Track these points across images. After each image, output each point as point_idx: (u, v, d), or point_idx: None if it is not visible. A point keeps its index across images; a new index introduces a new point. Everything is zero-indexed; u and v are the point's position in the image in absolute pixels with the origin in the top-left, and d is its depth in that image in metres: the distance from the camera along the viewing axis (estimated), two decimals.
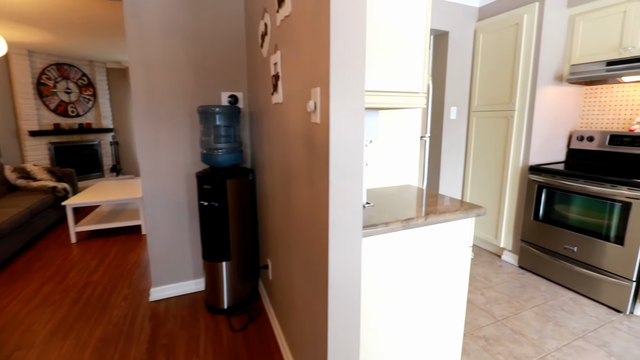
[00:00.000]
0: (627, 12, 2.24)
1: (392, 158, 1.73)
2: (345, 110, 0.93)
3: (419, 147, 1.83)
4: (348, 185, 0.97)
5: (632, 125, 2.51)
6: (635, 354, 1.76)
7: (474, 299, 2.28)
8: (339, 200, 0.97)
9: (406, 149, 1.76)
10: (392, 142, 1.71)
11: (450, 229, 1.31)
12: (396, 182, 1.76)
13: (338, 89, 0.91)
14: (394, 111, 1.69)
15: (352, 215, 0.99)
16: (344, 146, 0.94)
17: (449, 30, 2.92)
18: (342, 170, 0.95)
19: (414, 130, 1.76)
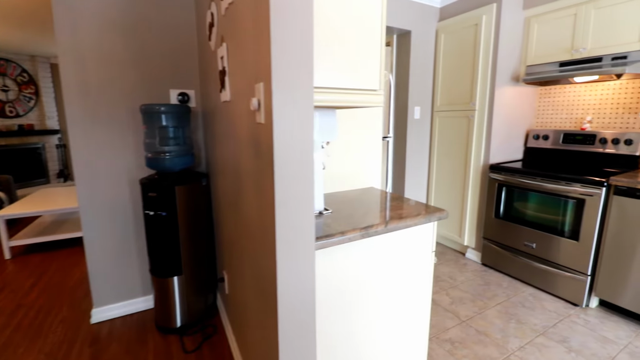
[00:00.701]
0: (577, 15, 2.32)
1: (354, 160, 1.64)
2: (291, 108, 0.81)
3: (382, 148, 1.76)
4: (297, 193, 0.86)
5: (583, 124, 2.61)
6: (592, 348, 1.80)
7: (439, 299, 2.26)
8: (287, 210, 0.85)
9: (368, 150, 1.68)
10: (353, 143, 1.62)
11: (412, 234, 1.24)
12: (358, 185, 1.68)
13: (282, 84, 0.79)
14: (355, 111, 1.60)
15: (302, 226, 0.88)
16: (291, 149, 0.83)
17: (411, 30, 2.90)
18: (289, 176, 0.84)
19: (375, 130, 1.69)
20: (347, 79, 1.04)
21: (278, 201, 0.84)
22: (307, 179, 0.87)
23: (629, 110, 2.37)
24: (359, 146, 1.65)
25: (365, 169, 1.68)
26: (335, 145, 1.55)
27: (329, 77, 1.01)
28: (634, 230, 1.94)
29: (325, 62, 1.00)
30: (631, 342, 1.84)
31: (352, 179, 1.65)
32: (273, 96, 0.79)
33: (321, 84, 0.99)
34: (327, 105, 1.04)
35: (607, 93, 2.47)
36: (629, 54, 2.09)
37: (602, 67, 2.21)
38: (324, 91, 1.00)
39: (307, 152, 0.85)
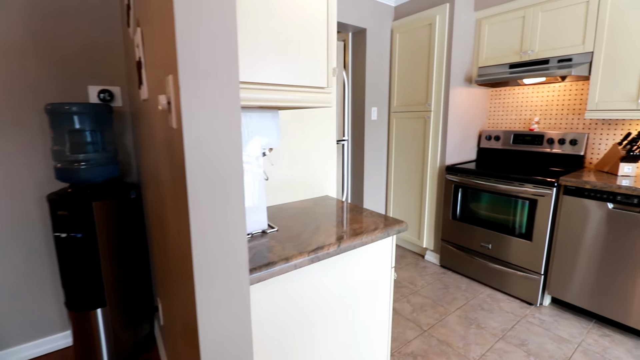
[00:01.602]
0: (525, 17, 2.35)
1: (305, 167, 1.47)
2: (209, 109, 0.62)
3: (337, 152, 1.61)
4: (221, 216, 0.67)
5: (531, 124, 2.68)
6: (549, 349, 1.79)
7: (401, 308, 2.17)
8: (207, 239, 0.66)
9: (321, 155, 1.52)
10: (304, 148, 1.46)
11: (370, 252, 1.10)
12: (312, 194, 1.51)
13: (194, 77, 0.60)
14: (304, 113, 1.43)
15: (229, 259, 0.69)
16: (210, 161, 0.64)
17: (366, 28, 2.80)
18: (208, 196, 0.65)
19: (329, 133, 1.53)
20: (289, 74, 0.87)
21: (195, 229, 0.64)
22: (234, 198, 0.68)
23: (573, 112, 2.46)
24: (310, 151, 1.48)
25: (318, 176, 1.52)
26: (282, 152, 1.37)
27: (266, 72, 0.83)
28: (581, 228, 1.98)
29: (261, 53, 0.82)
30: (584, 339, 1.88)
31: (304, 188, 1.48)
32: (181, 92, 0.59)
33: (255, 79, 0.81)
34: (266, 105, 0.86)
35: (553, 94, 2.55)
36: (574, 56, 2.15)
37: (548, 69, 2.26)
38: (259, 88, 0.81)
39: (233, 164, 0.67)
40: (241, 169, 0.68)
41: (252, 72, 0.79)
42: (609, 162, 2.16)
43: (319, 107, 0.95)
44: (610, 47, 2.00)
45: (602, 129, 2.32)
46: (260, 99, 0.81)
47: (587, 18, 2.08)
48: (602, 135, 2.32)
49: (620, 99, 1.99)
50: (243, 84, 0.77)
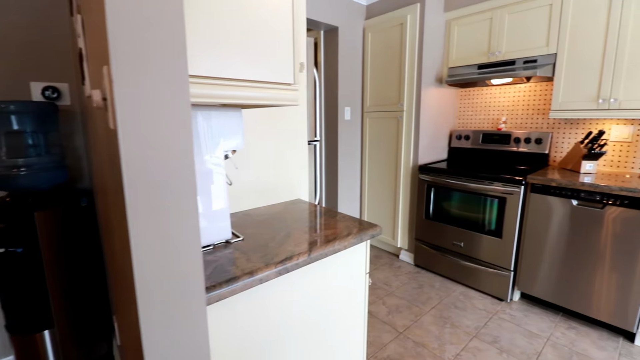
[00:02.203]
0: (493, 19, 2.40)
1: (275, 169, 1.39)
2: (149, 105, 0.53)
3: (308, 153, 1.54)
4: (168, 227, 0.58)
5: (499, 124, 2.75)
6: (520, 345, 1.82)
7: (376, 311, 2.14)
8: (151, 253, 0.57)
9: (292, 156, 1.45)
10: (273, 149, 1.38)
11: (343, 259, 1.04)
12: (283, 198, 1.44)
13: (130, 69, 0.51)
14: (273, 112, 1.35)
15: (180, 275, 0.61)
16: (153, 165, 0.55)
17: (338, 26, 2.75)
18: (152, 205, 0.56)
19: (300, 133, 1.46)
20: (251, 68, 0.79)
21: (136, 244, 0.55)
22: (185, 208, 0.59)
23: (538, 111, 2.54)
24: (280, 153, 1.40)
25: (289, 179, 1.45)
26: (249, 154, 1.28)
27: (226, 66, 0.75)
28: (547, 225, 2.04)
29: (220, 45, 0.73)
30: (552, 333, 1.93)
31: (274, 192, 1.40)
32: (115, 86, 0.50)
33: (213, 73, 0.72)
34: (225, 102, 0.77)
35: (519, 95, 2.62)
36: (538, 57, 2.21)
37: (515, 70, 2.31)
38: (217, 84, 0.73)
39: (183, 170, 0.58)
40: (193, 174, 0.59)
41: (209, 66, 0.70)
42: (572, 160, 2.24)
43: (285, 105, 0.88)
44: (572, 49, 2.07)
45: (565, 128, 2.41)
46: (219, 96, 0.72)
47: (550, 21, 2.14)
48: (565, 134, 2.41)
49: (582, 99, 2.06)
50: (197, 78, 0.68)
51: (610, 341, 1.85)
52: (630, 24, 1.86)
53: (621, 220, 1.77)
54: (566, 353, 1.76)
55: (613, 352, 1.77)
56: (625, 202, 1.75)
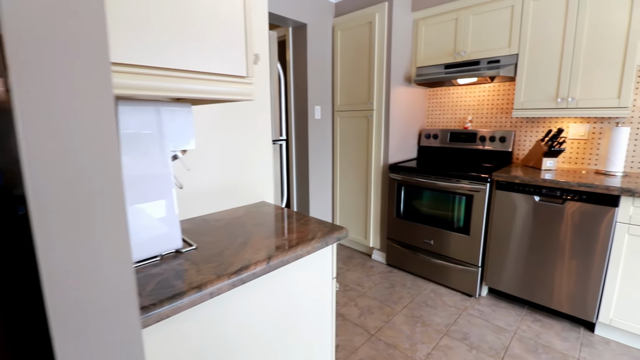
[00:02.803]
0: (458, 20, 2.43)
1: (236, 170, 1.31)
2: (57, 94, 0.45)
3: (274, 153, 1.47)
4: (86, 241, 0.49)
5: (465, 123, 2.80)
6: (489, 341, 1.85)
7: (348, 313, 2.10)
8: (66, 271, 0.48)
9: (255, 156, 1.37)
10: (234, 149, 1.29)
11: (306, 265, 0.98)
12: (245, 201, 1.35)
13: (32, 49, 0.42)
14: (234, 109, 1.27)
15: (105, 295, 0.52)
16: (67, 169, 0.46)
17: (307, 23, 2.69)
18: (65, 214, 0.47)
19: (263, 132, 1.38)
20: (197, 57, 0.71)
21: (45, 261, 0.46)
22: (110, 218, 0.51)
23: (502, 111, 2.61)
24: (242, 152, 1.32)
25: (252, 180, 1.37)
26: (206, 154, 1.19)
27: (167, 54, 0.66)
28: (512, 220, 2.09)
29: (158, 30, 0.65)
30: (518, 327, 1.97)
31: (235, 195, 1.31)
32: (11, 70, 0.41)
33: (150, 62, 0.63)
34: (167, 95, 0.69)
35: (484, 94, 2.68)
36: (501, 58, 2.26)
37: (479, 69, 2.35)
38: (156, 74, 0.64)
39: (107, 174, 0.49)
40: (118, 178, 0.51)
41: (141, 53, 0.62)
42: (534, 157, 2.32)
43: (238, 100, 0.81)
44: (532, 50, 2.14)
45: (527, 126, 2.49)
46: (154, 88, 0.64)
47: (512, 22, 2.19)
48: (527, 132, 2.49)
49: (542, 99, 2.13)
50: (125, 66, 0.59)
51: (572, 332, 1.92)
52: (585, 27, 1.93)
53: (580, 215, 1.84)
54: (532, 346, 1.81)
55: (575, 343, 1.83)
56: (583, 197, 1.82)
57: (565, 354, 1.75)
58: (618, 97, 1.87)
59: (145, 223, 0.79)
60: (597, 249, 1.80)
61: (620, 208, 1.72)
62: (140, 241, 0.78)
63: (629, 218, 1.70)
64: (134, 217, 0.77)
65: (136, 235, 0.77)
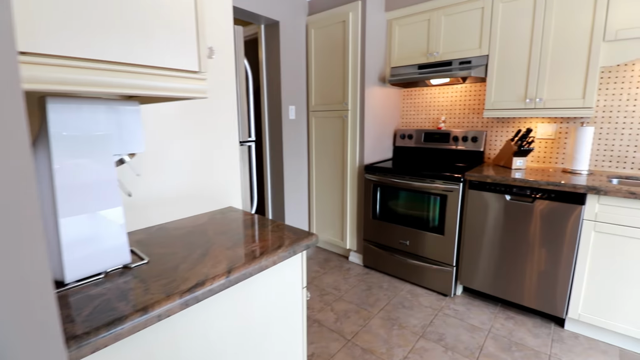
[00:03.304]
0: (431, 20, 2.43)
1: (200, 174, 1.22)
2: None
3: (242, 155, 1.39)
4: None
5: (439, 123, 2.82)
6: (464, 341, 1.85)
7: (324, 318, 2.05)
8: None
9: (220, 159, 1.28)
10: (196, 151, 1.20)
11: (272, 276, 0.91)
12: (210, 207, 1.27)
13: None
14: (194, 108, 1.18)
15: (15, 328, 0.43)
16: None
17: (279, 20, 2.62)
18: None
19: (228, 132, 1.30)
20: (140, 48, 0.62)
21: None
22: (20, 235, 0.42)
23: (474, 111, 2.64)
24: (206, 155, 1.24)
25: (218, 185, 1.28)
26: (165, 156, 1.10)
27: (103, 44, 0.57)
28: (484, 219, 2.11)
29: (92, 17, 0.56)
30: (492, 325, 1.99)
31: (199, 200, 1.22)
32: None
33: (82, 53, 0.55)
34: (103, 92, 0.60)
35: (457, 95, 2.71)
36: (472, 59, 2.28)
37: (452, 70, 2.37)
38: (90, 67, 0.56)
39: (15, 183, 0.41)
40: (30, 186, 0.42)
41: (69, 42, 0.53)
42: (504, 156, 2.36)
43: (190, 98, 0.73)
44: (502, 52, 2.17)
45: (498, 126, 2.53)
46: (89, 83, 0.55)
47: (482, 23, 2.22)
48: (498, 132, 2.53)
49: (511, 99, 2.17)
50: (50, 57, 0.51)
51: (543, 328, 1.96)
52: (551, 30, 1.98)
53: (548, 213, 1.87)
54: (505, 344, 1.82)
55: (546, 339, 1.86)
56: (552, 196, 1.86)
57: (537, 350, 1.77)
58: (583, 98, 1.93)
59: (85, 236, 0.70)
60: (565, 246, 1.84)
61: (586, 206, 1.77)
62: (79, 257, 0.69)
63: (595, 215, 1.74)
64: (70, 231, 0.67)
65: (73, 251, 0.68)
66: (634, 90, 2.01)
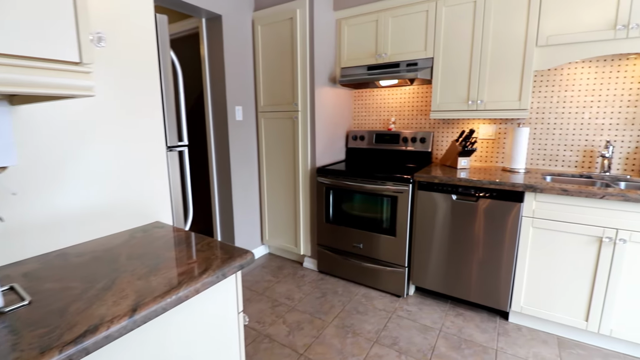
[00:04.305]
0: (379, 21, 2.42)
1: (116, 186, 1.05)
2: None
3: (172, 161, 1.23)
4: None
5: (389, 125, 2.83)
6: (417, 343, 1.84)
7: (276, 333, 1.93)
8: None
9: (143, 167, 1.12)
10: (111, 158, 1.03)
11: (196, 306, 0.79)
12: (132, 223, 1.10)
13: None
14: (109, 108, 1.01)
15: None
16: None
17: (222, 14, 2.45)
18: None
19: (153, 136, 1.14)
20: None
21: None
22: None
23: (421, 112, 2.68)
24: (123, 163, 1.06)
25: (140, 197, 1.11)
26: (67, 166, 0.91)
27: None
28: (433, 219, 2.14)
29: None
30: (443, 323, 2.01)
31: (115, 217, 1.05)
32: None
33: None
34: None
35: (405, 96, 2.74)
36: (419, 61, 2.30)
37: (399, 72, 2.37)
38: None
39: None
40: None
41: None
42: (450, 157, 2.42)
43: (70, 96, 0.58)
44: (446, 54, 2.21)
45: (444, 127, 2.60)
46: None
47: (427, 26, 2.25)
48: (444, 133, 2.60)
49: (455, 101, 2.22)
50: None
51: (490, 322, 2.02)
52: (490, 35, 2.05)
53: (491, 210, 1.94)
54: (456, 342, 1.85)
55: (493, 333, 1.92)
56: (493, 194, 1.92)
57: (485, 346, 1.81)
58: (519, 100, 2.02)
59: None
60: (507, 243, 1.92)
61: (524, 203, 1.85)
62: None
63: (533, 212, 1.83)
64: None
65: None
66: (563, 93, 2.16)
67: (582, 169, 2.16)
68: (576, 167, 2.18)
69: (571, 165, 2.19)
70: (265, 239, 2.98)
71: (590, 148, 2.13)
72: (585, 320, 1.77)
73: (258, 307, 2.18)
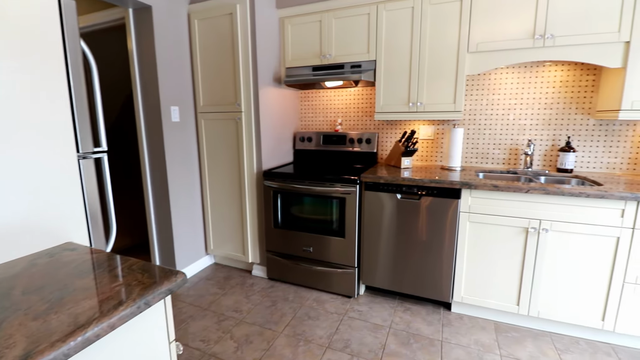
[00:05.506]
0: (322, 22, 2.40)
1: (12, 203, 0.86)
2: None
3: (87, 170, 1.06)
4: None
5: (336, 126, 2.83)
6: (368, 343, 1.85)
7: (222, 350, 1.80)
8: None
9: (47, 178, 0.94)
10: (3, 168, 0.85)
11: (112, 344, 0.66)
12: (35, 247, 0.91)
13: None
14: None
15: None
16: None
17: (151, 5, 2.23)
18: None
19: (61, 140, 0.97)
20: None
21: None
22: None
23: (366, 114, 2.73)
24: (22, 173, 0.88)
25: (46, 215, 0.94)
26: None
27: None
28: (380, 219, 2.17)
29: None
30: (392, 320, 2.05)
31: (12, 240, 0.86)
32: None
33: None
34: None
35: (351, 98, 2.76)
36: (362, 63, 2.33)
37: (344, 73, 2.38)
38: None
39: None
40: None
41: None
42: (394, 157, 2.49)
43: None
44: (387, 57, 2.26)
45: (388, 128, 2.67)
46: None
47: (369, 29, 2.28)
48: (388, 134, 2.67)
49: (397, 103, 2.28)
50: None
51: (435, 314, 2.11)
52: (427, 40, 2.14)
53: (432, 207, 2.02)
54: (405, 338, 1.89)
55: (438, 325, 2.00)
56: (434, 192, 2.00)
57: (432, 338, 1.88)
58: (454, 102, 2.14)
59: None
60: (447, 237, 2.01)
61: (461, 199, 1.95)
62: None
63: (469, 207, 1.94)
64: None
65: None
66: (491, 97, 2.33)
67: (509, 165, 2.36)
68: (504, 164, 2.37)
69: (500, 163, 2.38)
70: (210, 248, 2.80)
71: (515, 146, 2.33)
72: (517, 305, 1.93)
73: (202, 324, 2.02)
